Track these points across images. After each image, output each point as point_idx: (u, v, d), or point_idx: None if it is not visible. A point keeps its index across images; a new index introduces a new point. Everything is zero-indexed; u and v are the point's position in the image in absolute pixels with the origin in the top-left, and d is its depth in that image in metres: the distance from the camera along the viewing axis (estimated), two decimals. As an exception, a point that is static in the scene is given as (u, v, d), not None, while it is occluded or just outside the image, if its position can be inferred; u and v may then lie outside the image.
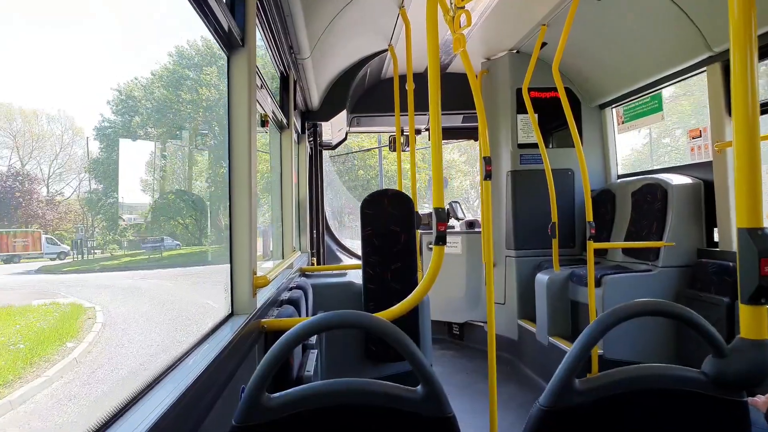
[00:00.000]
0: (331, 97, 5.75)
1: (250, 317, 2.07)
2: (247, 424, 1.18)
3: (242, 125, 2.20)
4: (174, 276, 3.34)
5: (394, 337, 1.22)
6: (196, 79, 4.13)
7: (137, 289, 2.81)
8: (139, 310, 2.72)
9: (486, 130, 3.37)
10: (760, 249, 1.30)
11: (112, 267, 2.76)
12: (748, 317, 1.32)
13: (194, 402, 1.33)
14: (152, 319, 2.79)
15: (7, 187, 2.13)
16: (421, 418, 1.20)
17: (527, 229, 5.70)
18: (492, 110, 5.87)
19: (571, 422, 1.23)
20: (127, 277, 2.79)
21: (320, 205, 6.57)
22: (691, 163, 4.54)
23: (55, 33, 1.71)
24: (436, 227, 2.24)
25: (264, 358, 1.22)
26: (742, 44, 1.32)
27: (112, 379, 2.07)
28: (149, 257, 3.12)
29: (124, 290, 2.68)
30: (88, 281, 2.60)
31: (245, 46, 2.23)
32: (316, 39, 4.01)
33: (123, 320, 2.47)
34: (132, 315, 2.59)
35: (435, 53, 2.36)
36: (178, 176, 3.50)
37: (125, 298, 2.64)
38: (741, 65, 1.32)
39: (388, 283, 3.76)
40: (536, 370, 5.28)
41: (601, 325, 1.24)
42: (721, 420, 1.25)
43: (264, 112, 3.28)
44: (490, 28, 5.23)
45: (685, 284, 4.33)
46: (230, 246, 2.20)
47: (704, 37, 3.95)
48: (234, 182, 2.19)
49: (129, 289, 2.73)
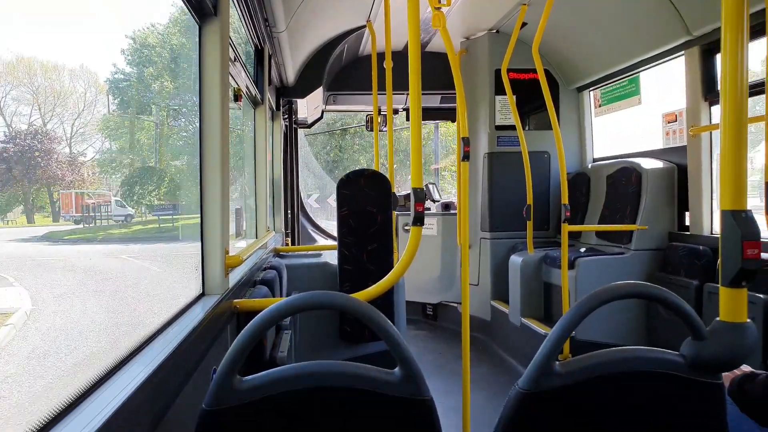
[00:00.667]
0: (307, 73, 5.63)
1: (221, 297, 2.01)
2: (217, 407, 1.14)
3: (214, 99, 2.11)
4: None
5: (373, 318, 1.18)
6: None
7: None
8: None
9: (465, 110, 3.33)
10: (743, 232, 1.29)
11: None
12: (728, 300, 1.32)
13: (162, 384, 1.28)
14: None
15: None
16: (398, 400, 1.18)
17: (503, 211, 5.72)
18: (470, 91, 5.83)
19: (550, 405, 1.21)
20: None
21: (295, 185, 6.48)
22: (665, 147, 4.58)
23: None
24: (414, 207, 2.20)
25: (236, 339, 1.17)
26: (733, 23, 1.30)
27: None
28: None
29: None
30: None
31: (218, 16, 2.13)
32: (292, 12, 3.90)
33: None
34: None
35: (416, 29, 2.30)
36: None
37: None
38: (732, 45, 1.30)
39: (364, 264, 3.73)
40: (509, 351, 5.34)
41: (583, 308, 1.23)
42: (699, 402, 1.25)
43: (237, 86, 3.18)
44: (470, 7, 5.16)
45: (657, 267, 4.40)
46: (201, 224, 2.13)
47: (684, 21, 3.95)
48: (205, 158, 2.11)
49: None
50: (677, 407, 1.24)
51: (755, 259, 1.28)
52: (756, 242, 1.29)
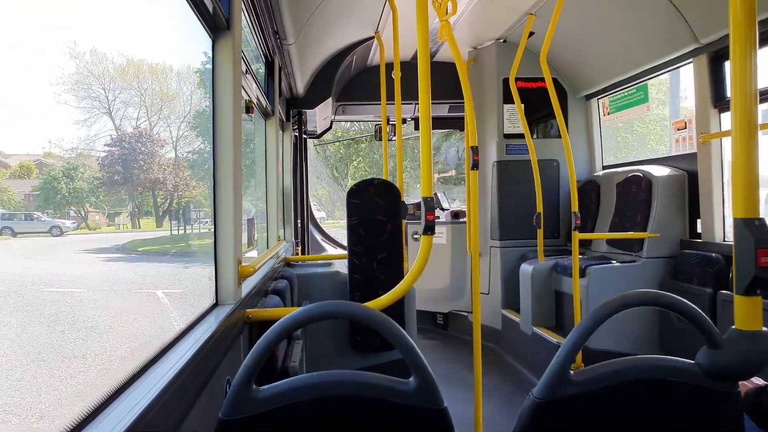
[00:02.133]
0: (317, 84, 5.67)
1: (235, 307, 2.02)
2: (234, 417, 1.14)
3: (227, 111, 2.14)
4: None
5: (387, 327, 1.19)
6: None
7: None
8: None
9: (473, 119, 3.34)
10: (756, 239, 1.29)
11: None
12: (743, 308, 1.31)
13: (179, 394, 1.29)
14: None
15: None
16: (413, 410, 1.18)
17: (512, 219, 5.71)
18: (478, 100, 5.85)
19: (565, 413, 1.21)
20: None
21: (305, 195, 6.51)
22: (676, 154, 4.57)
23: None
24: (424, 217, 2.21)
25: (252, 349, 1.18)
26: (742, 30, 1.30)
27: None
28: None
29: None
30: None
31: (231, 30, 2.17)
32: (301, 24, 3.94)
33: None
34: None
35: (424, 39, 2.32)
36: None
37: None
38: (741, 51, 1.30)
39: (374, 273, 3.73)
40: (520, 360, 5.31)
41: (597, 316, 1.23)
42: (715, 411, 1.24)
43: (249, 98, 3.21)
44: (477, 17, 5.19)
45: (669, 275, 4.37)
46: (215, 234, 2.15)
47: (691, 29, 3.96)
48: (219, 169, 2.13)
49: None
50: (693, 416, 1.24)
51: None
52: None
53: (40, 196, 2.49)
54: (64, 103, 2.54)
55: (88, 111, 2.91)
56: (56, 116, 2.41)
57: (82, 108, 2.79)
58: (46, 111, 2.32)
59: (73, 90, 2.64)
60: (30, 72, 1.99)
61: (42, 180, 2.48)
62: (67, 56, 2.54)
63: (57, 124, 2.29)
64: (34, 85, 1.98)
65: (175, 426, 1.27)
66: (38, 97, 2.17)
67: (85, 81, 2.98)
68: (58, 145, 2.41)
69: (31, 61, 1.91)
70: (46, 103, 2.27)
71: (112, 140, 2.62)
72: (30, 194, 2.46)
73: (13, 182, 2.31)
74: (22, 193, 2.40)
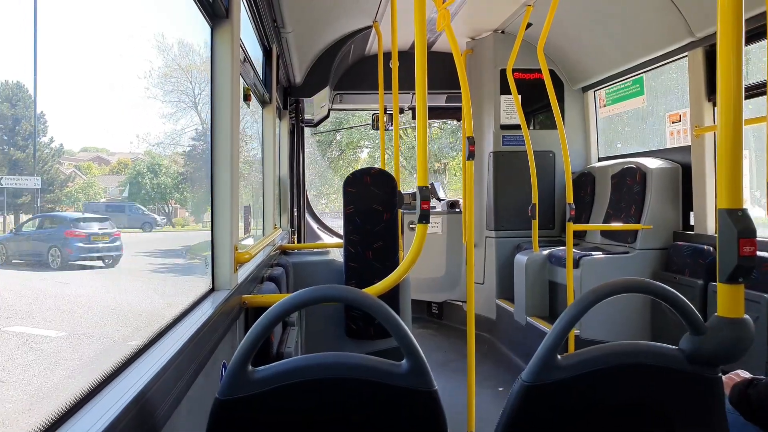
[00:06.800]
0: (314, 73, 5.67)
1: (231, 293, 2.05)
2: (231, 397, 1.18)
3: (225, 98, 2.16)
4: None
5: (380, 311, 1.22)
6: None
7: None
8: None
9: (470, 110, 3.36)
10: (739, 229, 1.32)
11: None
12: (726, 296, 1.35)
13: (176, 375, 1.32)
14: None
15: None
16: (405, 392, 1.21)
17: (508, 210, 5.74)
18: (475, 90, 5.86)
19: (553, 397, 1.25)
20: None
21: (301, 183, 6.53)
22: (670, 147, 4.60)
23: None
24: (419, 205, 2.23)
25: (250, 330, 1.21)
26: (729, 26, 1.33)
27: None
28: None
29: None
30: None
31: (229, 17, 2.18)
32: (299, 13, 3.94)
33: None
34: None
35: (422, 28, 2.33)
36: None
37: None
38: (727, 48, 1.33)
39: (370, 262, 3.76)
40: (513, 349, 5.37)
41: (584, 302, 1.26)
42: (697, 395, 1.28)
43: (247, 85, 3.22)
44: (475, 7, 5.19)
45: (661, 266, 4.42)
46: (212, 221, 2.17)
47: (687, 22, 3.97)
48: (216, 156, 2.15)
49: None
50: (677, 400, 1.27)
51: (751, 255, 1.31)
52: (751, 239, 1.32)
53: (127, 191, 2.50)
54: (152, 97, 2.54)
55: (175, 105, 2.90)
56: (146, 111, 2.43)
57: (168, 102, 2.79)
58: (139, 107, 2.34)
59: (160, 84, 2.64)
60: (127, 68, 2.02)
61: (127, 175, 2.48)
62: (156, 49, 2.54)
63: (146, 119, 2.30)
64: (125, 81, 2.00)
65: (173, 406, 1.30)
66: (131, 94, 2.19)
67: (172, 74, 2.98)
68: (145, 140, 2.40)
69: (128, 57, 1.93)
70: (136, 98, 2.29)
71: (197, 134, 2.61)
72: (118, 189, 2.47)
73: (107, 178, 2.32)
74: (110, 188, 2.40)
